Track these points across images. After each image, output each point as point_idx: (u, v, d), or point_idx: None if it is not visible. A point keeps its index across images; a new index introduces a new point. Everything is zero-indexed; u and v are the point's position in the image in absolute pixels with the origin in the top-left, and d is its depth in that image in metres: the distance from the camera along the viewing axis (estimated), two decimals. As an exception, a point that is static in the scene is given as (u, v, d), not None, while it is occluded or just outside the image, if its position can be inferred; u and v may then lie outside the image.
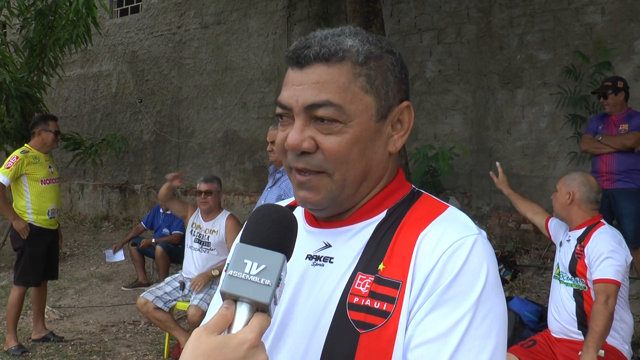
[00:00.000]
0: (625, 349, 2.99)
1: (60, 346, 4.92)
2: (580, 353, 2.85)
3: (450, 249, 0.87)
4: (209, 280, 4.59)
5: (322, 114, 0.91)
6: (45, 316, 5.31)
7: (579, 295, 3.03)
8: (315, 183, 0.94)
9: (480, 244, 0.89)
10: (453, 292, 0.85)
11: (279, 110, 0.96)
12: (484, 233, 0.93)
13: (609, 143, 4.86)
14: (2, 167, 4.78)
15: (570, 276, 3.07)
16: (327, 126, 0.92)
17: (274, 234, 0.83)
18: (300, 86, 0.93)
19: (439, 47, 7.02)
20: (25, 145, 5.02)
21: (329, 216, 0.99)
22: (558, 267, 3.19)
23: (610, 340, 2.94)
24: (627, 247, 3.02)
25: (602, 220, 3.13)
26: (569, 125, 6.09)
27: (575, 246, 3.07)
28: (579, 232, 3.11)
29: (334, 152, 0.92)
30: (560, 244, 3.24)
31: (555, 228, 3.38)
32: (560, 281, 3.15)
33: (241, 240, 0.84)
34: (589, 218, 3.12)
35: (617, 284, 2.84)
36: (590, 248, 2.98)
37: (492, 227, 6.54)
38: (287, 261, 0.83)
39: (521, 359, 2.99)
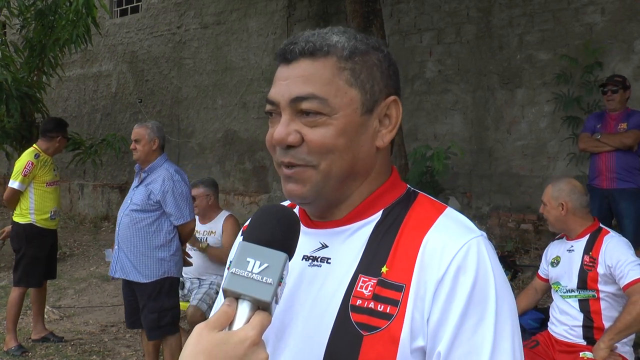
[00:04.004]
0: (627, 350, 2.98)
1: (60, 346, 4.92)
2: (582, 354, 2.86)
3: (459, 255, 0.88)
4: (199, 248, 4.57)
5: (307, 106, 0.92)
6: (45, 316, 5.31)
7: (585, 305, 2.98)
8: (300, 175, 0.94)
9: (484, 246, 0.91)
10: (475, 303, 0.87)
11: (268, 107, 0.98)
12: (484, 233, 0.94)
13: (607, 142, 4.84)
14: (19, 174, 4.82)
15: (576, 289, 3.00)
16: (312, 119, 0.93)
17: (277, 233, 0.84)
18: (286, 81, 0.95)
19: (439, 47, 7.02)
20: (35, 147, 5.02)
21: (323, 214, 0.99)
22: (558, 284, 3.11)
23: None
24: None
25: (602, 225, 3.10)
26: (566, 126, 6.10)
27: (583, 257, 2.99)
28: (583, 240, 3.04)
29: (318, 143, 0.92)
30: (557, 260, 3.16)
31: (545, 262, 3.29)
32: (562, 296, 3.08)
33: (244, 239, 0.84)
34: (589, 224, 3.07)
35: None
36: (604, 256, 2.92)
37: (491, 227, 6.54)
38: (289, 260, 0.83)
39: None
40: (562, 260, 3.12)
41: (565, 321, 3.04)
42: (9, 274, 6.77)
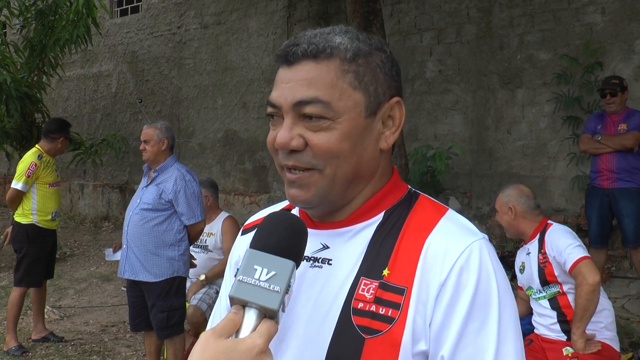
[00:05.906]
0: (608, 335, 3.01)
1: (60, 346, 4.92)
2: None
3: (461, 258, 0.88)
4: (200, 286, 4.55)
5: (310, 110, 0.91)
6: (45, 316, 5.31)
7: (555, 302, 3.07)
8: (305, 180, 0.93)
9: (486, 248, 0.91)
10: (478, 306, 0.87)
11: (269, 109, 0.96)
12: (485, 235, 0.94)
13: (607, 143, 4.86)
14: (22, 175, 4.83)
15: (542, 289, 3.11)
16: (316, 123, 0.91)
17: (285, 240, 0.84)
18: (289, 84, 0.92)
19: (439, 47, 7.02)
20: (37, 147, 5.02)
21: (324, 216, 0.99)
22: (530, 289, 3.22)
23: (588, 330, 2.97)
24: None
25: (549, 221, 3.20)
26: (566, 126, 6.10)
27: (537, 256, 3.11)
28: (534, 241, 3.16)
29: (323, 148, 0.91)
30: (523, 266, 3.26)
31: (517, 271, 3.36)
32: (535, 299, 3.18)
33: (251, 246, 0.84)
34: (537, 225, 3.18)
35: (589, 258, 2.92)
36: (549, 249, 3.05)
37: (492, 227, 6.54)
38: (297, 268, 0.83)
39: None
40: (526, 266, 3.24)
41: (543, 322, 3.15)
42: (9, 274, 6.77)
